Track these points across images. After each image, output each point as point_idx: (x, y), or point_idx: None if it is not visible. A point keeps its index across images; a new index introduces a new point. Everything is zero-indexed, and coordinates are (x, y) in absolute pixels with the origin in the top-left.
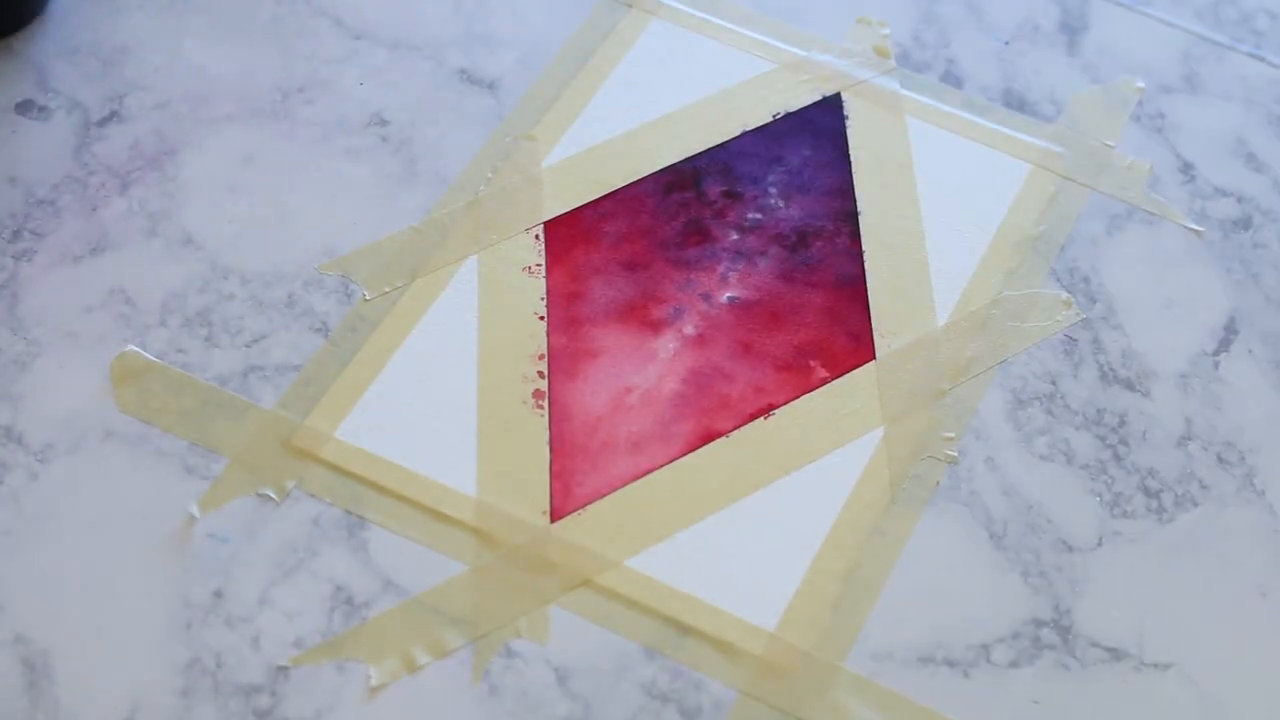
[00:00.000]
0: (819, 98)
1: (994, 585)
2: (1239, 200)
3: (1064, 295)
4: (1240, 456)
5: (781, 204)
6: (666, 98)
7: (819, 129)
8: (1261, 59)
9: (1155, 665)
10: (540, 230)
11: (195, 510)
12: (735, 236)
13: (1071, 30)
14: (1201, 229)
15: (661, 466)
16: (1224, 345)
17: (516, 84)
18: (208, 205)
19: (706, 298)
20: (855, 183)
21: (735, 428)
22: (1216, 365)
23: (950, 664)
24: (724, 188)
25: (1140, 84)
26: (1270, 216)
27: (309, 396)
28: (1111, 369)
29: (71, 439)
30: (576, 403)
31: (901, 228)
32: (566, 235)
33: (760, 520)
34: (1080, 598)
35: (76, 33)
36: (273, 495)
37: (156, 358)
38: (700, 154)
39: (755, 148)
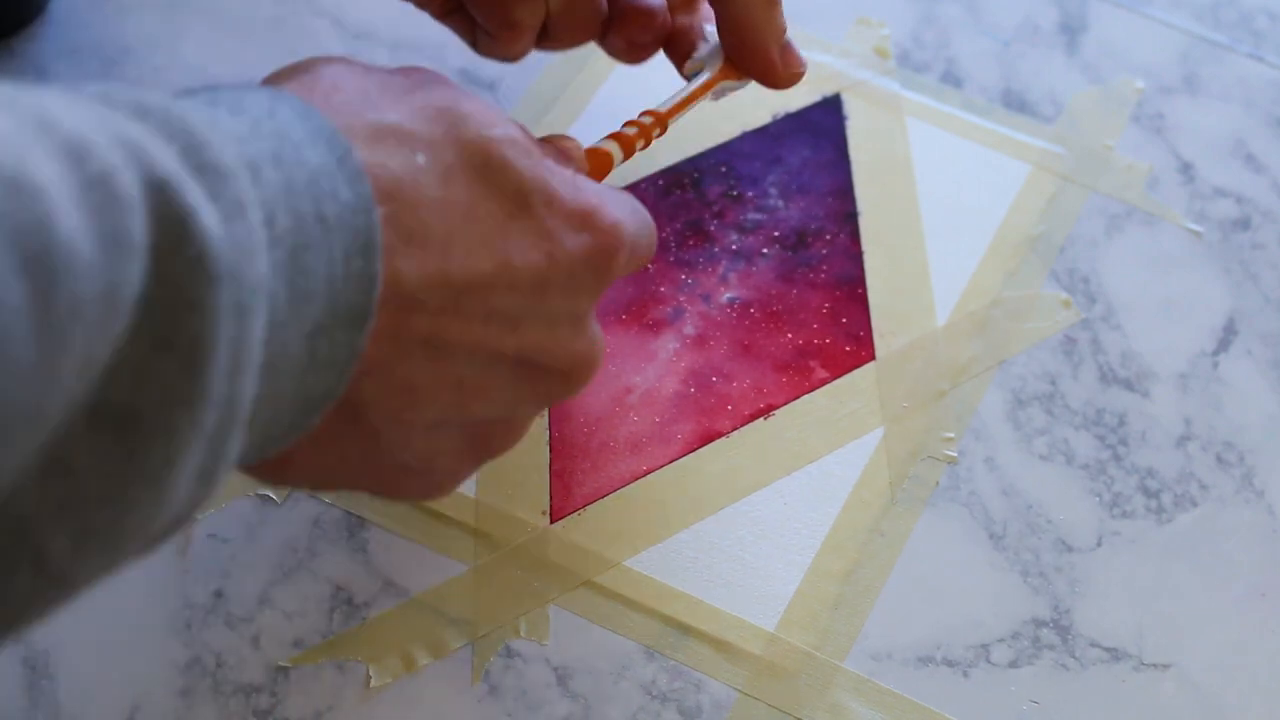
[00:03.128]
0: (819, 98)
1: (994, 585)
2: (1238, 201)
3: (1064, 295)
4: (1240, 457)
5: (781, 205)
6: (666, 98)
7: (819, 129)
8: (1261, 60)
9: (1155, 665)
10: None
11: None
12: (735, 237)
13: (1071, 31)
14: (1201, 229)
15: (661, 467)
16: (1223, 345)
17: (516, 84)
18: None
19: (706, 298)
20: (855, 183)
21: (735, 428)
22: (1216, 365)
23: (950, 664)
24: (724, 188)
25: (1140, 84)
26: (1270, 217)
27: None
28: (1111, 369)
29: None
30: (576, 403)
31: (901, 228)
32: None
33: (760, 520)
34: (1080, 598)
35: (76, 33)
36: (273, 496)
37: None
38: (700, 155)
39: (755, 148)
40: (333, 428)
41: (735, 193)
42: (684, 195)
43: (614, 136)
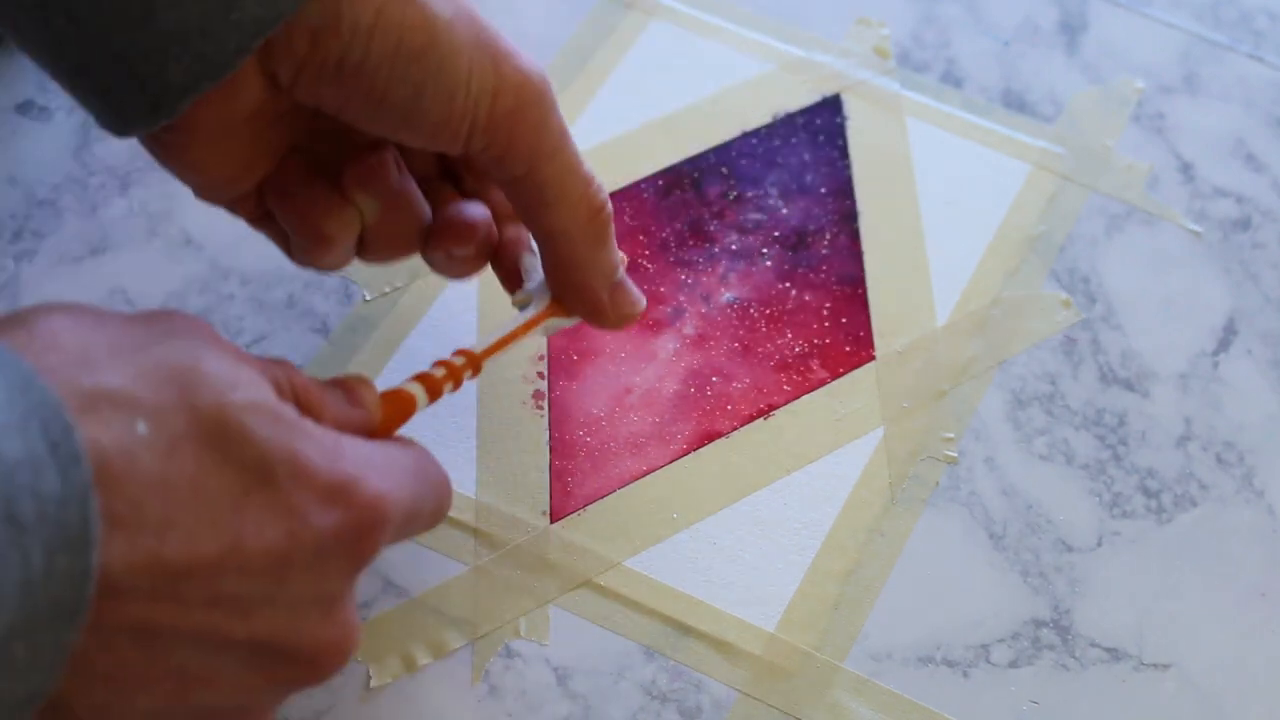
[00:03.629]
0: (819, 98)
1: (994, 585)
2: (1238, 201)
3: (1064, 295)
4: (1240, 457)
5: (781, 205)
6: (666, 98)
7: (819, 129)
8: (1261, 60)
9: (1155, 665)
10: None
11: None
12: (735, 237)
13: (1071, 30)
14: (1201, 229)
15: (661, 467)
16: (1223, 345)
17: None
18: (208, 206)
19: (706, 298)
20: (855, 183)
21: (735, 428)
22: (1216, 365)
23: (950, 664)
24: (724, 188)
25: (1140, 84)
26: (1270, 217)
27: None
28: (1111, 369)
29: None
30: (576, 403)
31: (901, 228)
32: None
33: (760, 520)
34: (1080, 598)
35: None
36: None
37: None
38: (700, 155)
39: (755, 148)
40: None
41: (735, 193)
42: (684, 195)
43: (419, 378)
